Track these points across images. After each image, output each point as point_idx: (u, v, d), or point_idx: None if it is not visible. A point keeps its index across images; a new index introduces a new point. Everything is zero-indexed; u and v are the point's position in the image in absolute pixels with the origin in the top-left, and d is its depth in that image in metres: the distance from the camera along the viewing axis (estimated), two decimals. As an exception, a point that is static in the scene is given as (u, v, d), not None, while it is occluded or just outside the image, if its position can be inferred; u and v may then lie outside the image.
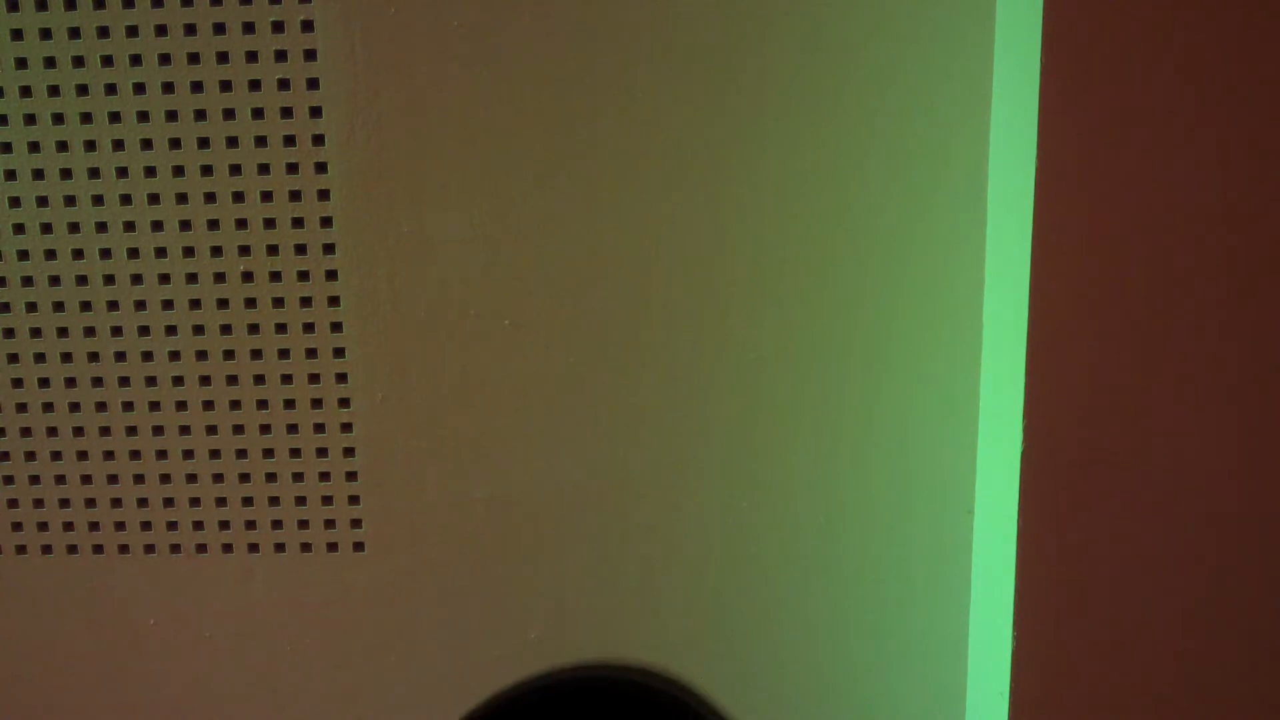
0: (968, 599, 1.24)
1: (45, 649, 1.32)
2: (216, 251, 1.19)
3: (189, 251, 1.19)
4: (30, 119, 1.16)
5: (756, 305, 1.18)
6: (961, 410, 1.19)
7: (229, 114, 1.15)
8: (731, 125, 1.15)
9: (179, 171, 1.17)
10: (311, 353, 1.21)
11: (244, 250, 1.19)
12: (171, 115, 1.16)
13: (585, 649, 1.28)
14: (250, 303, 1.20)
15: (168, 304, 1.21)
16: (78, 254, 1.20)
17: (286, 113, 1.15)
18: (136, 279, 1.20)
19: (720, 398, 1.21)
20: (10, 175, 1.18)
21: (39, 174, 1.18)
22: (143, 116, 1.16)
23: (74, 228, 1.19)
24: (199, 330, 1.21)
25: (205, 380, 1.23)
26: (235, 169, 1.17)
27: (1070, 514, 1.02)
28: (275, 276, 1.19)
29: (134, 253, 1.20)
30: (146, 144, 1.17)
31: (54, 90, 1.16)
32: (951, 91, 1.13)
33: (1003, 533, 1.07)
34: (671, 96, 1.14)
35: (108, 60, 1.15)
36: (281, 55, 1.14)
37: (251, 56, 1.14)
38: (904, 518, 1.22)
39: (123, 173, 1.18)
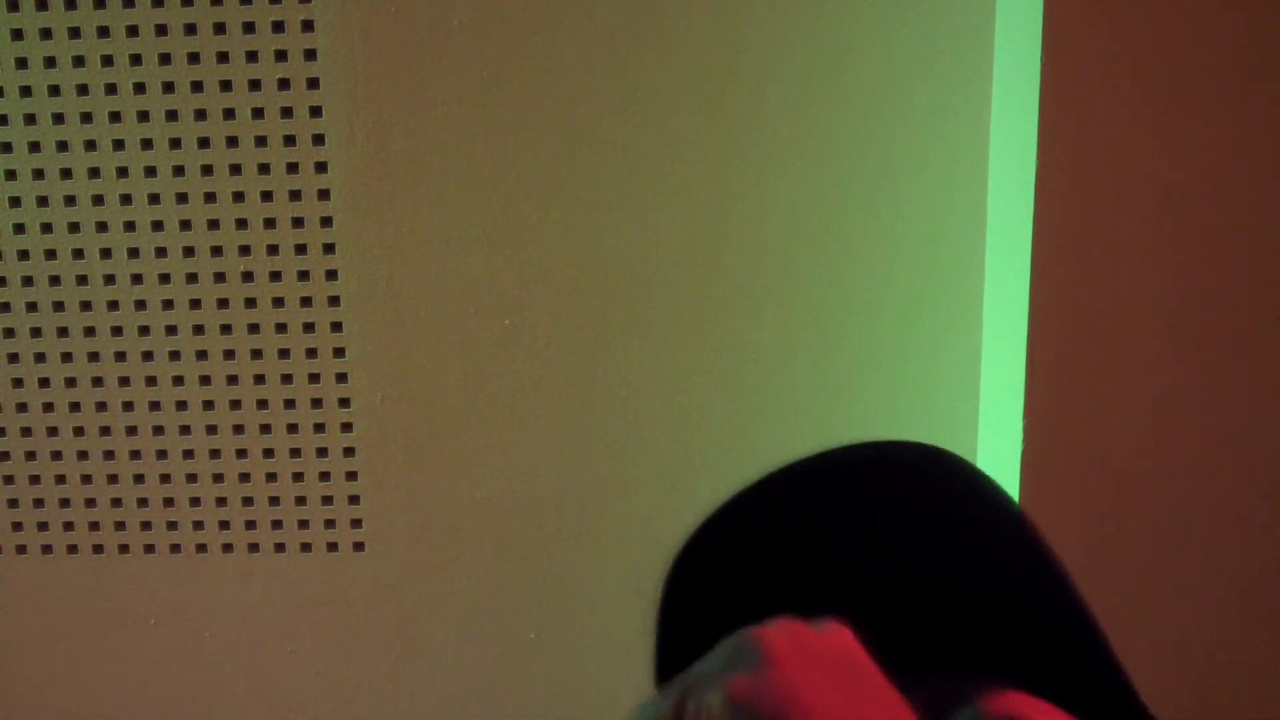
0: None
1: (45, 649, 1.32)
2: (216, 251, 1.19)
3: (189, 251, 1.19)
4: (30, 119, 1.16)
5: (756, 305, 1.18)
6: (961, 410, 1.19)
7: (229, 114, 1.15)
8: (732, 125, 1.15)
9: (179, 171, 1.17)
10: (311, 353, 1.21)
11: (244, 250, 1.19)
12: (171, 115, 1.16)
13: (585, 649, 1.28)
14: (250, 303, 1.20)
15: (168, 304, 1.21)
16: (78, 254, 1.20)
17: (286, 113, 1.15)
18: (136, 279, 1.20)
19: (719, 397, 1.21)
20: (10, 175, 1.18)
21: (39, 174, 1.18)
22: (143, 116, 1.16)
23: (74, 228, 1.19)
24: (199, 330, 1.21)
25: (205, 380, 1.23)
26: (235, 169, 1.17)
27: (1070, 514, 1.02)
28: (275, 276, 1.19)
29: (134, 253, 1.20)
30: (146, 144, 1.17)
31: (54, 90, 1.16)
32: (952, 91, 1.13)
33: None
34: (672, 97, 1.14)
35: (108, 60, 1.15)
36: (281, 55, 1.14)
37: (251, 56, 1.14)
38: (904, 518, 1.22)
39: (123, 173, 1.17)
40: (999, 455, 1.10)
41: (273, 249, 1.18)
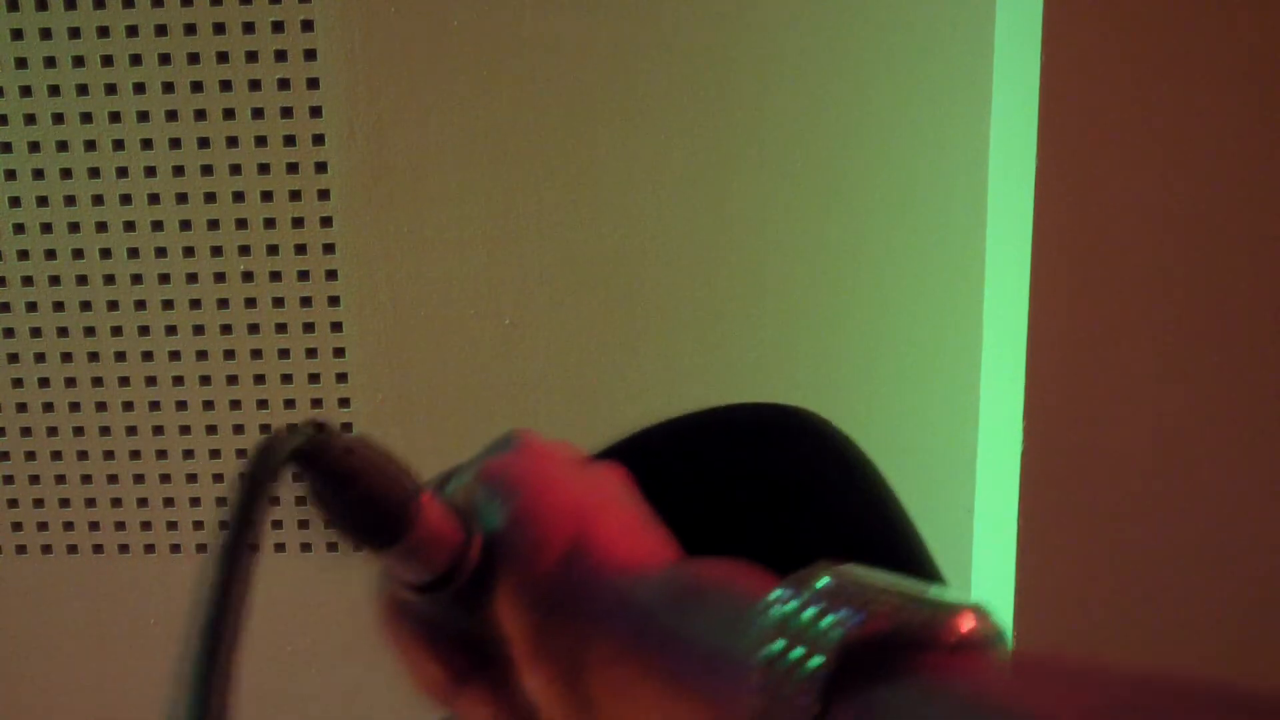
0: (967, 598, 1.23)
1: (45, 649, 1.32)
2: (216, 251, 1.19)
3: (189, 251, 1.19)
4: (30, 119, 1.16)
5: (755, 305, 1.18)
6: (961, 410, 1.19)
7: (229, 114, 1.15)
8: (731, 126, 1.15)
9: (179, 171, 1.17)
10: (311, 353, 1.21)
11: (244, 250, 1.19)
12: (171, 115, 1.16)
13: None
14: (250, 303, 1.20)
15: (168, 304, 1.21)
16: (78, 254, 1.20)
17: (286, 113, 1.15)
18: (136, 279, 1.20)
19: (719, 397, 1.21)
20: (10, 175, 1.18)
21: (39, 174, 1.18)
22: (143, 116, 1.16)
23: (74, 228, 1.19)
24: (199, 330, 1.21)
25: (205, 380, 1.23)
26: (235, 169, 1.17)
27: (1070, 514, 1.02)
28: (275, 276, 1.19)
29: (134, 253, 1.20)
30: (146, 144, 1.17)
31: (54, 90, 1.16)
32: (952, 91, 1.13)
33: (1003, 533, 1.07)
34: (671, 97, 1.14)
35: (108, 60, 1.15)
36: (281, 55, 1.14)
37: (251, 56, 1.14)
38: (904, 518, 1.22)
39: (123, 173, 1.17)
40: (999, 455, 1.10)
41: (273, 249, 1.18)
